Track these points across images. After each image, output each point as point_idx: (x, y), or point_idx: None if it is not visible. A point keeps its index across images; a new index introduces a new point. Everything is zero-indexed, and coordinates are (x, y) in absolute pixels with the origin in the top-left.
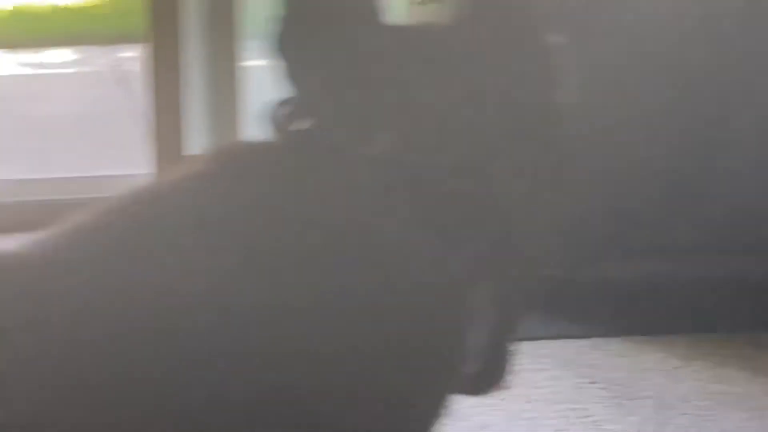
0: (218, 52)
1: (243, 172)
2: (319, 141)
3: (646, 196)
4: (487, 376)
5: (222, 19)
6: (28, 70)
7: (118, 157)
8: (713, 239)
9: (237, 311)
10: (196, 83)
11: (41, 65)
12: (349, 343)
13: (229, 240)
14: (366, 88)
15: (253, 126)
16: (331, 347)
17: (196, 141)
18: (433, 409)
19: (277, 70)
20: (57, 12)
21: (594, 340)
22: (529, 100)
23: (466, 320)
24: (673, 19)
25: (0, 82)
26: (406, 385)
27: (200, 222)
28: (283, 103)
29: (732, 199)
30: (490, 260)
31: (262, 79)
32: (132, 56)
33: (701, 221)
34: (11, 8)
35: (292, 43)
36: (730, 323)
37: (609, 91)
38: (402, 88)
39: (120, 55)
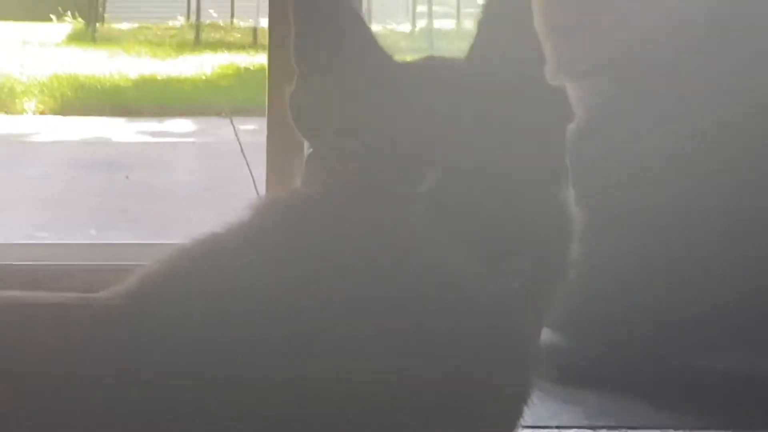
0: None
1: (294, 221)
2: (364, 186)
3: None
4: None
5: None
6: (150, 139)
7: None
8: None
9: (308, 356)
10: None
11: (163, 134)
12: (423, 376)
13: (294, 284)
14: (402, 129)
15: None
16: (403, 383)
17: None
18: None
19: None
20: (180, 82)
21: None
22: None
23: (528, 341)
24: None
25: (123, 150)
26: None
27: (262, 269)
28: (312, 155)
29: None
30: (537, 283)
31: None
32: (252, 128)
33: None
34: (135, 77)
35: (310, 102)
36: None
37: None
38: (433, 126)
39: (240, 127)
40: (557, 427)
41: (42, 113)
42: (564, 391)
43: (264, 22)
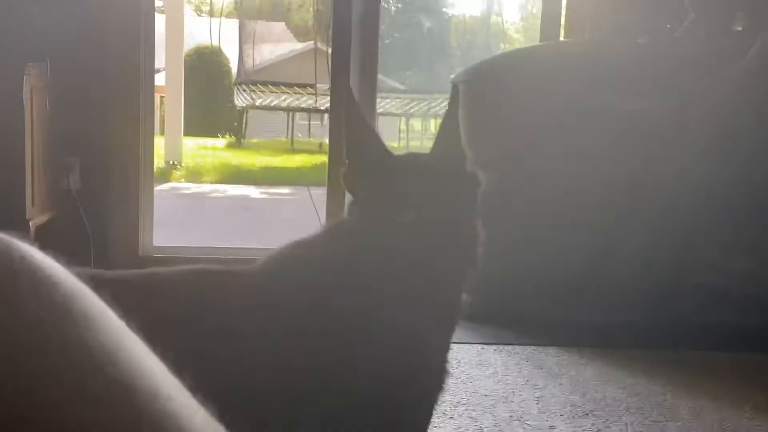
0: None
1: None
2: (373, 220)
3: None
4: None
5: None
6: (267, 197)
7: None
8: None
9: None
10: None
11: (274, 194)
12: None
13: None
14: (395, 191)
15: None
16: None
17: None
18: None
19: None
20: (283, 168)
21: None
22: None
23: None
24: None
25: (254, 201)
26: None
27: (326, 254)
28: (352, 203)
29: None
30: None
31: None
32: (319, 193)
33: None
34: (261, 165)
35: (352, 178)
36: None
37: None
38: (413, 187)
39: (313, 191)
40: (481, 343)
41: (216, 183)
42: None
43: (326, 138)
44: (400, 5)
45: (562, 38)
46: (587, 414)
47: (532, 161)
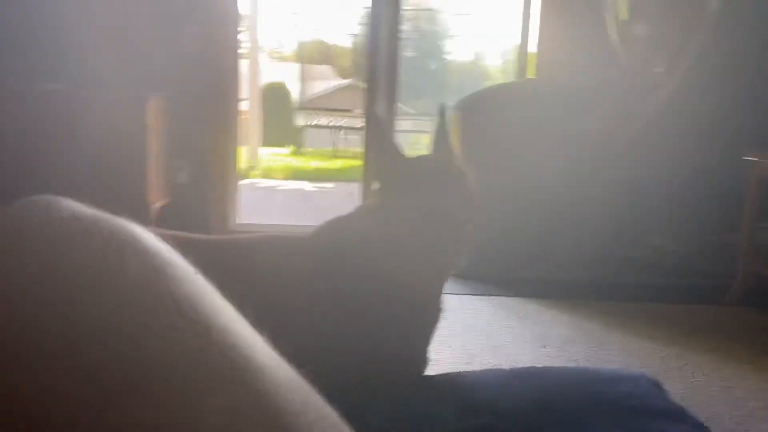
0: None
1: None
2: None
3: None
4: None
5: None
6: (317, 189)
7: None
8: None
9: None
10: None
11: (323, 188)
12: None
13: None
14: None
15: None
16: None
17: None
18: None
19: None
20: (329, 169)
21: None
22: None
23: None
24: None
25: (309, 192)
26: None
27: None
28: (377, 189)
29: None
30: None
31: None
32: (355, 186)
33: None
34: (313, 167)
35: (380, 172)
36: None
37: None
38: (422, 182)
39: (351, 185)
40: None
41: (281, 179)
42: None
43: (361, 148)
44: (414, 53)
45: (531, 76)
46: (545, 345)
47: (507, 164)
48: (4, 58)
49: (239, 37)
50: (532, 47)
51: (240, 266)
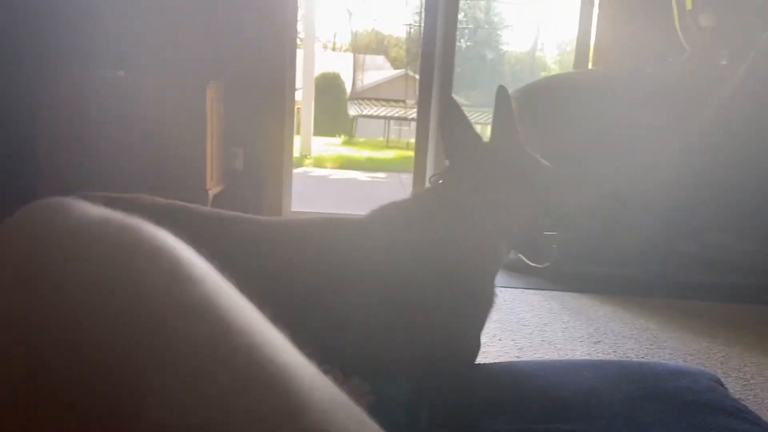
0: None
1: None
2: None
3: None
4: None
5: None
6: (369, 179)
7: None
8: None
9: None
10: None
11: (374, 178)
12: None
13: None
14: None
15: None
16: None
17: None
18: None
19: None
20: (381, 159)
21: None
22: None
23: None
24: None
25: (361, 183)
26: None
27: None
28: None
29: None
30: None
31: None
32: (406, 177)
33: None
34: (365, 157)
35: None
36: None
37: None
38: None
39: (402, 176)
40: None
41: (334, 169)
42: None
43: (412, 138)
44: (470, 43)
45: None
46: (599, 341)
47: (567, 155)
48: (65, 46)
49: (296, 26)
50: (591, 38)
51: (298, 246)
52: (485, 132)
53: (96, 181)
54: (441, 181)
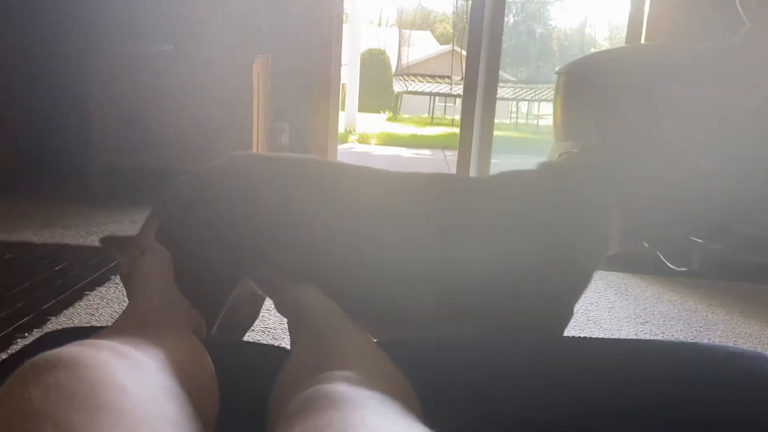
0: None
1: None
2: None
3: None
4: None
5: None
6: (413, 155)
7: None
8: None
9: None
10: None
11: (419, 154)
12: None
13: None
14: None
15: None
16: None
17: None
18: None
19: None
20: (426, 136)
21: None
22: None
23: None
24: None
25: (406, 159)
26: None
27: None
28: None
29: None
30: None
31: None
32: (450, 155)
33: None
34: (410, 134)
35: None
36: None
37: None
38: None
39: (446, 153)
40: None
41: (378, 145)
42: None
43: (457, 116)
44: (517, 18)
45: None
46: (646, 322)
47: (617, 134)
48: (114, 20)
49: (342, 2)
50: (645, 13)
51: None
52: (531, 109)
53: (145, 152)
54: (567, 158)
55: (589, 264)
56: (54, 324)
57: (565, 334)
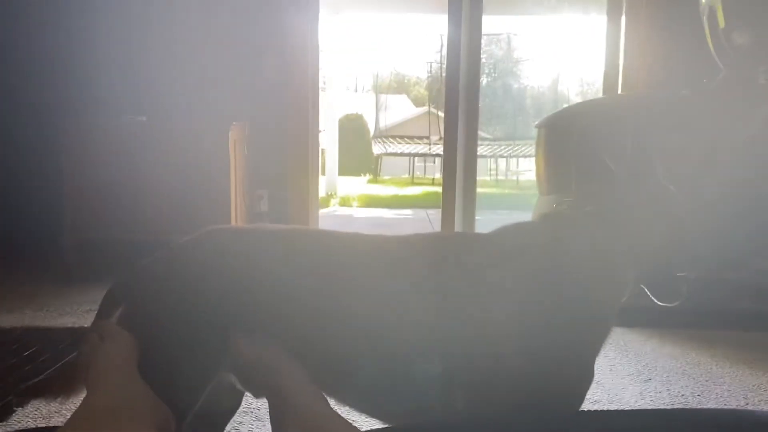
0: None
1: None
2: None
3: None
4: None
5: None
6: (394, 216)
7: None
8: None
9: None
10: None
11: (399, 214)
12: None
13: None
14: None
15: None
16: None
17: None
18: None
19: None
20: (406, 196)
21: None
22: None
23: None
24: None
25: (387, 219)
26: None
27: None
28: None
29: None
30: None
31: None
32: (433, 213)
33: None
34: (390, 195)
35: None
36: None
37: None
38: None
39: (428, 212)
40: None
41: (360, 207)
42: None
43: (438, 174)
44: (490, 78)
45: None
46: (650, 379)
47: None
48: (87, 91)
49: (318, 69)
50: (620, 64)
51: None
52: (510, 165)
53: (121, 225)
54: (568, 207)
55: (607, 314)
56: (20, 416)
57: None
